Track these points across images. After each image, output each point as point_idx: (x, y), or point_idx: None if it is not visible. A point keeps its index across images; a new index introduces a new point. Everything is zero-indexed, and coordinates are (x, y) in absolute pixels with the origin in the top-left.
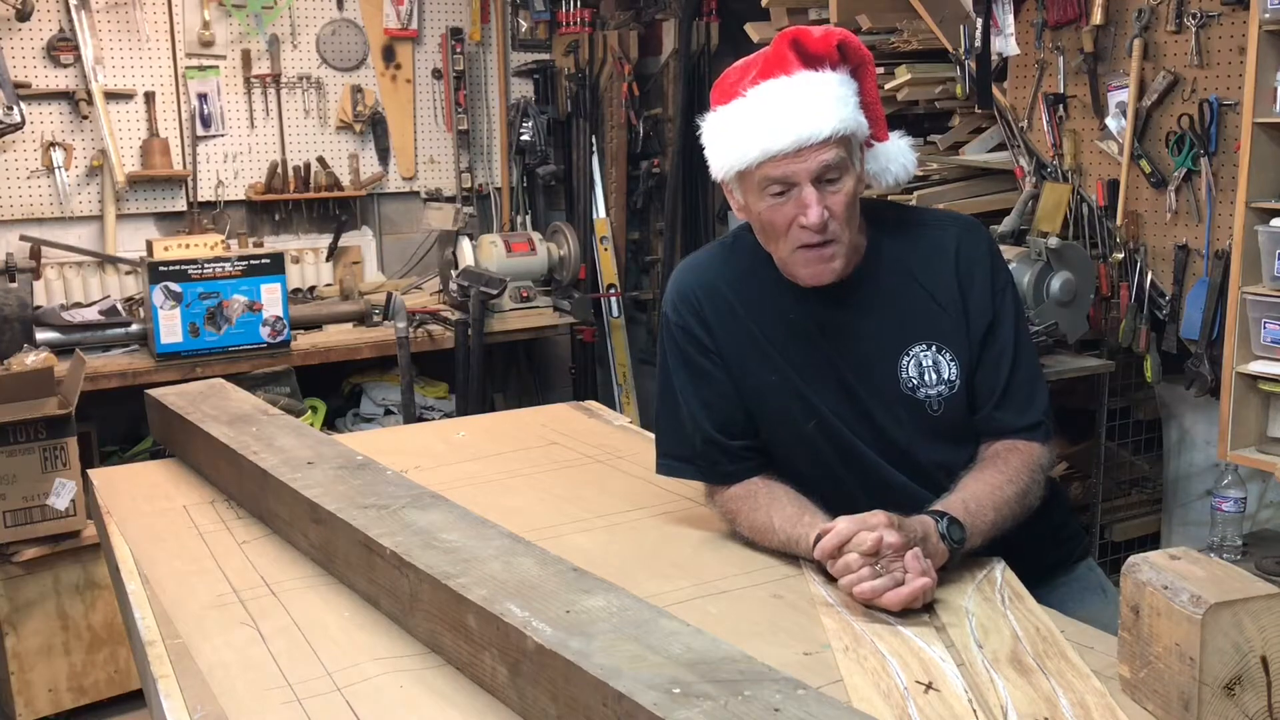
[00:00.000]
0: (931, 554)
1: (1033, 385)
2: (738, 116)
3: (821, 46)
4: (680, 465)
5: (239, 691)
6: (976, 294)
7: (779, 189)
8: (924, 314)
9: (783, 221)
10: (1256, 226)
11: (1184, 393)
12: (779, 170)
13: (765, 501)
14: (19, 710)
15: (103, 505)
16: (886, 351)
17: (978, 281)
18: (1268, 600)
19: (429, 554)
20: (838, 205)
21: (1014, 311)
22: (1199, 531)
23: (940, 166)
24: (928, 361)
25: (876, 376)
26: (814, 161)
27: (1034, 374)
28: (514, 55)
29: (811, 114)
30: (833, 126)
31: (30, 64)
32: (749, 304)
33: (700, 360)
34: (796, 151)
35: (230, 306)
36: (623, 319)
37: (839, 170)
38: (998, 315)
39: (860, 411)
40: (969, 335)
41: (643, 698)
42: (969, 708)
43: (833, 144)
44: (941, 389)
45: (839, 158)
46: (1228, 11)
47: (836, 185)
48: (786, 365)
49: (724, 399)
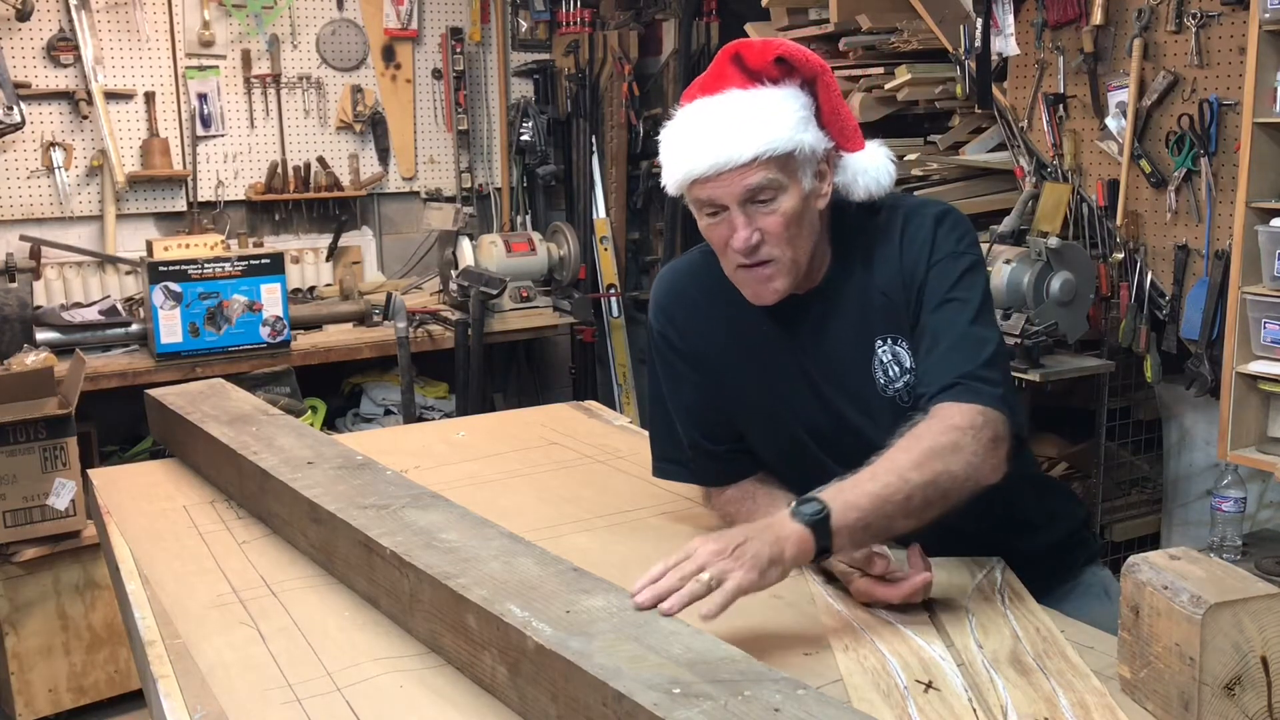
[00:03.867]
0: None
1: (964, 346)
2: (673, 135)
3: (758, 61)
4: (674, 468)
5: (239, 691)
6: (909, 271)
7: (711, 209)
8: (879, 309)
9: (719, 241)
10: (1256, 226)
11: (1184, 393)
12: (704, 193)
13: (764, 503)
14: (19, 710)
15: (103, 505)
16: (857, 355)
17: (919, 261)
18: (1268, 600)
19: (429, 554)
20: (773, 226)
21: (953, 280)
22: (1199, 531)
23: (940, 166)
24: (888, 356)
25: (850, 382)
26: (737, 186)
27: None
28: (514, 55)
29: (732, 137)
30: (756, 149)
31: (30, 64)
32: (723, 313)
33: (680, 366)
34: (717, 175)
35: (230, 306)
36: (623, 319)
37: (772, 191)
38: (925, 285)
39: (836, 420)
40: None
41: (643, 698)
42: (969, 707)
43: (758, 166)
44: (907, 378)
45: (767, 179)
46: (1228, 11)
47: (770, 206)
48: (760, 376)
49: (705, 405)
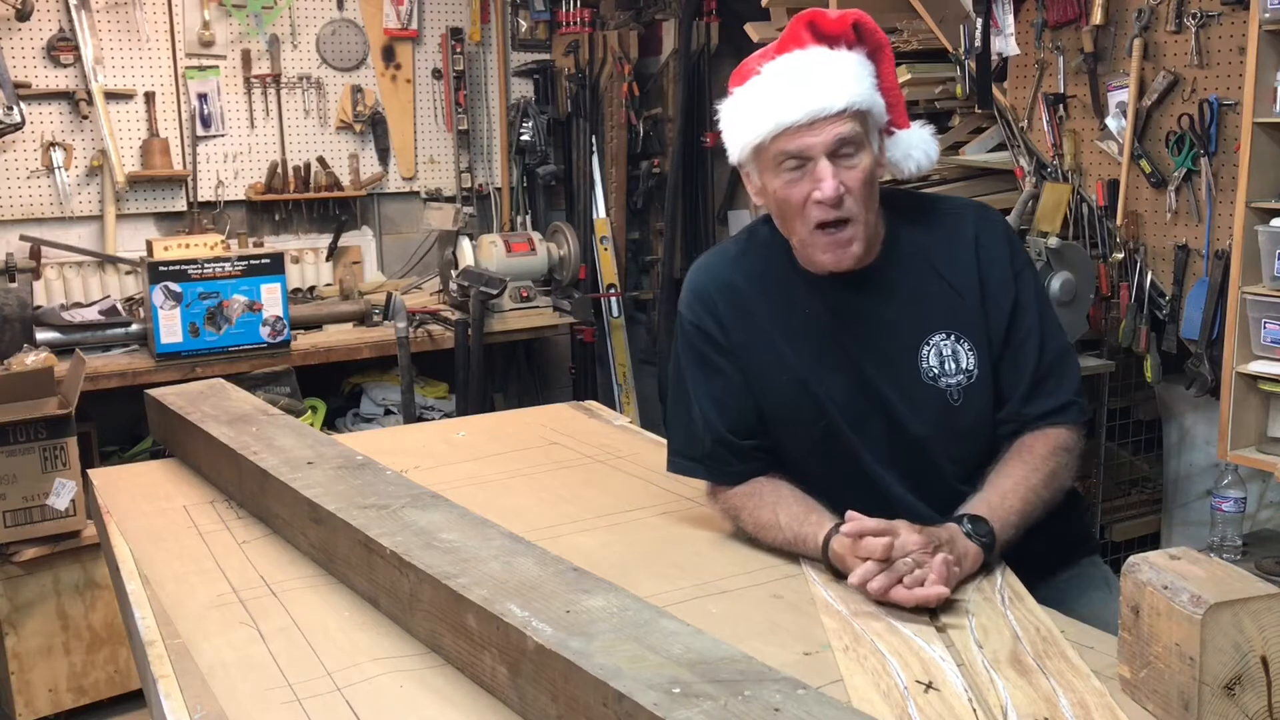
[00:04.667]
0: (963, 554)
1: (1061, 367)
2: (753, 94)
3: (837, 26)
4: (690, 465)
5: (239, 691)
6: (996, 280)
7: (794, 163)
8: (943, 303)
9: (798, 197)
10: (1256, 226)
11: (1184, 393)
12: (793, 143)
13: (771, 499)
14: (19, 710)
15: (103, 505)
16: (906, 341)
17: (997, 267)
18: (1268, 600)
19: (429, 554)
20: (854, 181)
21: (1035, 292)
22: (1199, 531)
23: (940, 166)
24: (947, 351)
25: (896, 366)
26: (828, 134)
27: (1062, 354)
28: (514, 55)
29: (825, 86)
30: (847, 99)
31: (30, 64)
32: (764, 300)
33: (715, 358)
34: (810, 123)
35: (230, 306)
36: (623, 319)
37: (855, 145)
38: (1019, 299)
39: (877, 406)
40: (989, 324)
41: (643, 698)
42: (969, 708)
43: (847, 117)
44: (960, 379)
45: (854, 132)
46: (1228, 11)
47: (852, 160)
48: (799, 364)
49: (737, 397)
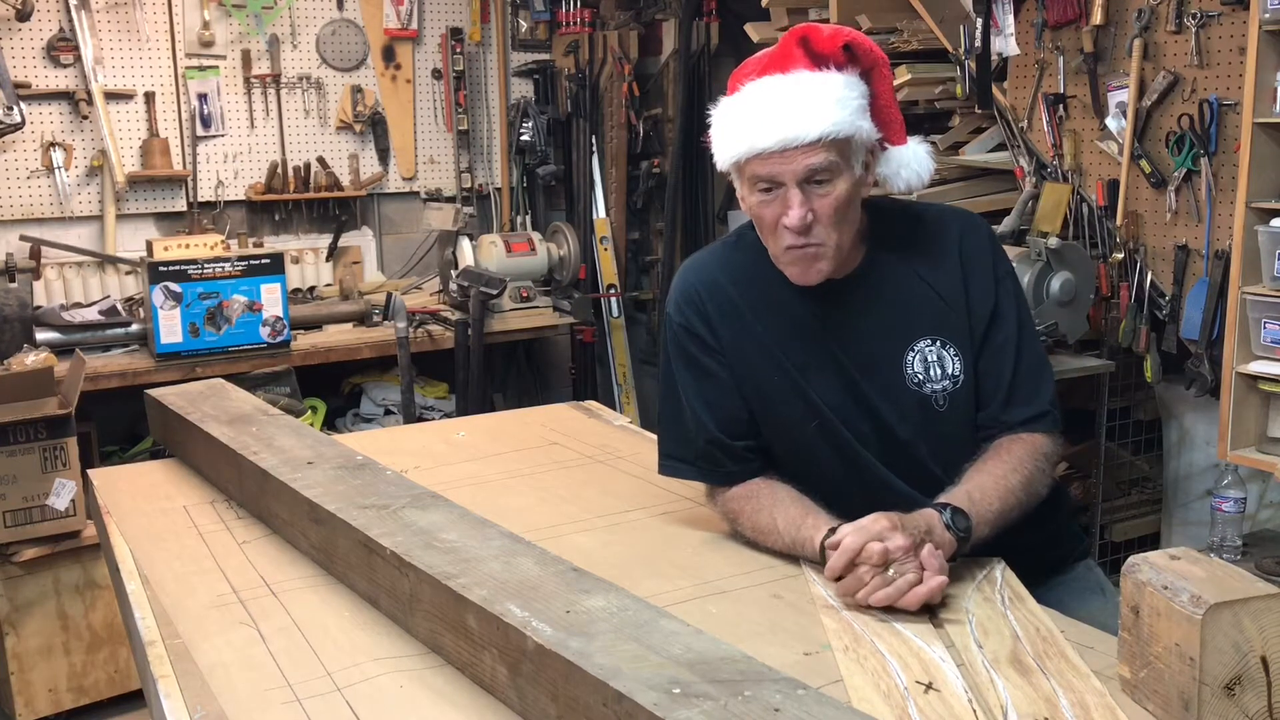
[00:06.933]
0: (939, 545)
1: (1037, 375)
2: (734, 110)
3: (828, 46)
4: (682, 466)
5: (239, 691)
6: (978, 286)
7: (766, 186)
8: (928, 309)
9: (770, 218)
10: (1256, 226)
11: (1184, 393)
12: (764, 169)
13: (768, 502)
14: (19, 710)
15: (103, 505)
16: (891, 347)
17: (979, 274)
18: (1268, 600)
19: (429, 554)
20: (824, 208)
21: (1015, 301)
22: (1199, 531)
23: (940, 166)
24: (932, 356)
25: (882, 372)
26: (799, 164)
27: (1038, 364)
28: (514, 55)
29: (801, 115)
30: (821, 129)
31: (30, 64)
32: (752, 301)
33: (704, 359)
34: (782, 151)
35: (230, 306)
36: (623, 319)
37: (828, 173)
38: (999, 305)
39: (865, 409)
40: (972, 329)
41: (643, 698)
42: (969, 708)
43: (821, 147)
44: (946, 384)
45: (827, 161)
46: (1228, 11)
47: (825, 188)
48: (789, 364)
49: (727, 398)
